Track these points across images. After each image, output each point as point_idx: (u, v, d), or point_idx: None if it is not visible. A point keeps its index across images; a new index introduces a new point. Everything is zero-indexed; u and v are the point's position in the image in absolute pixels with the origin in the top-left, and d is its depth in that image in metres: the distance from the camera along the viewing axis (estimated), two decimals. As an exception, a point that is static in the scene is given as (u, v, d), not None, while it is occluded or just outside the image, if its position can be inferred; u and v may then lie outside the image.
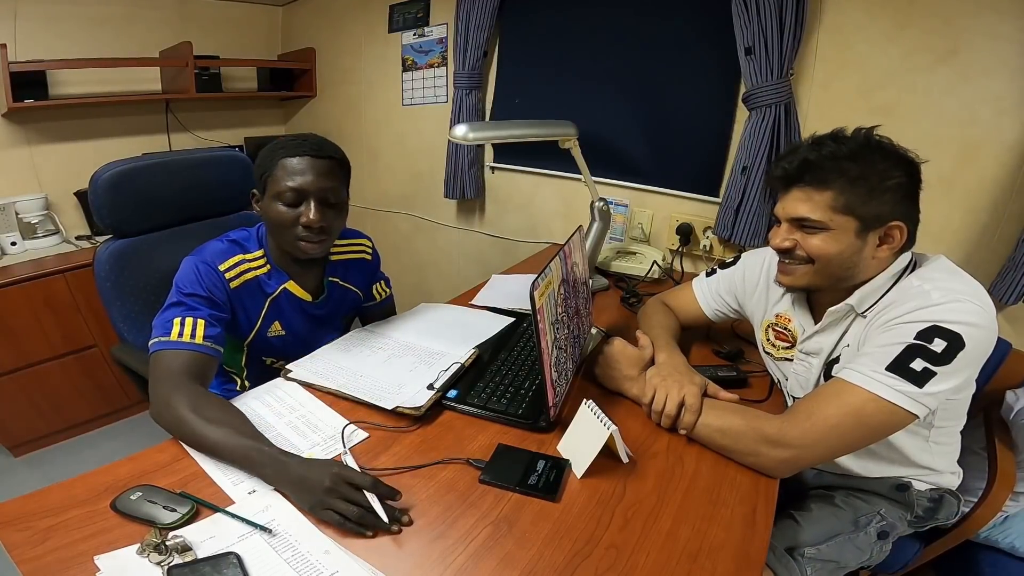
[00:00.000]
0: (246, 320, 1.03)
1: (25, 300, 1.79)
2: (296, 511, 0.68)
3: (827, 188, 0.80)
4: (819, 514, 0.93)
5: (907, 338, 0.74)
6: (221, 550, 0.61)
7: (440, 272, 2.58)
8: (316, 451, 0.80)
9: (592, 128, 1.71)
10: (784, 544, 0.87)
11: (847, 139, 0.81)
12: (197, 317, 0.90)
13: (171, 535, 0.62)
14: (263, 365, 1.13)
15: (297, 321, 1.10)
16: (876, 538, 0.91)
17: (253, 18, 2.73)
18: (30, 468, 1.92)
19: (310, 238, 0.97)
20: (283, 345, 1.09)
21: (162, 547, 0.60)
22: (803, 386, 0.95)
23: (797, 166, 0.82)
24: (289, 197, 0.94)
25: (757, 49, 1.41)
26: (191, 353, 0.87)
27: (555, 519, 0.70)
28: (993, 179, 1.29)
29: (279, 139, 1.00)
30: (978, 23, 1.24)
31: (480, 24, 1.94)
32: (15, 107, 1.92)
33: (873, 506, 0.93)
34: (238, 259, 1.00)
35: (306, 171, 0.95)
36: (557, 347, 0.86)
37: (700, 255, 1.76)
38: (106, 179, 1.14)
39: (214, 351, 0.90)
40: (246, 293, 1.01)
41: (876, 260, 0.83)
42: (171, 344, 0.86)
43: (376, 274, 1.27)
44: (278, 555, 0.62)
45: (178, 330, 0.88)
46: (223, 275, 0.97)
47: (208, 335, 0.90)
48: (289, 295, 1.07)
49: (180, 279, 0.94)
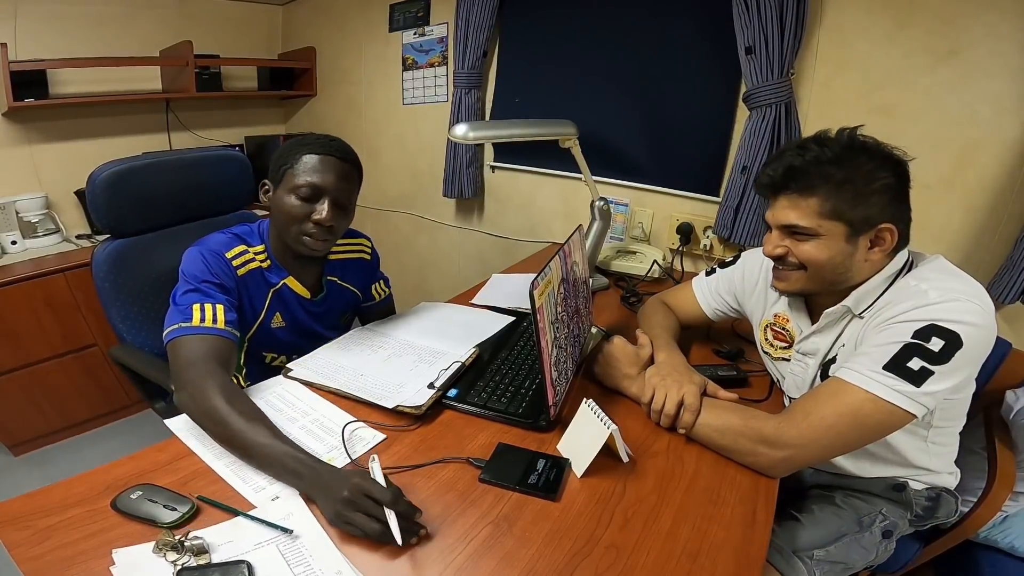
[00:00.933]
0: (251, 309, 1.03)
1: (25, 299, 1.79)
2: (318, 525, 0.66)
3: (813, 195, 0.79)
4: (821, 515, 0.93)
5: (904, 337, 0.73)
6: (235, 556, 0.61)
7: (440, 271, 2.58)
8: (334, 454, 0.79)
9: (592, 127, 1.71)
10: (791, 545, 0.86)
11: (831, 141, 0.80)
12: (216, 303, 0.89)
13: (191, 535, 0.61)
14: (262, 362, 1.13)
15: (297, 316, 1.10)
16: (881, 537, 0.91)
17: (253, 17, 2.73)
18: (30, 467, 1.92)
19: (318, 235, 0.97)
20: (285, 337, 1.10)
21: (179, 547, 0.59)
22: (799, 386, 0.95)
23: (782, 173, 0.81)
24: (305, 192, 0.95)
25: (757, 48, 1.41)
26: (216, 338, 0.86)
27: (555, 518, 0.70)
28: (993, 179, 1.29)
29: (302, 136, 1.01)
30: (979, 23, 1.24)
31: (480, 23, 1.93)
32: (15, 106, 1.92)
33: (874, 506, 0.93)
34: (241, 249, 1.01)
35: (329, 171, 0.96)
36: (557, 346, 0.86)
37: (700, 254, 1.77)
38: (103, 179, 1.14)
39: (234, 337, 0.90)
40: (252, 282, 1.02)
41: (869, 263, 0.82)
42: (194, 330, 0.85)
43: (375, 274, 1.27)
44: (290, 568, 0.60)
45: (199, 315, 0.87)
46: (230, 263, 0.97)
47: (228, 320, 0.89)
48: (289, 290, 1.07)
49: (188, 268, 0.93)
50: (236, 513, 0.67)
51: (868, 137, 0.80)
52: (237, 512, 0.67)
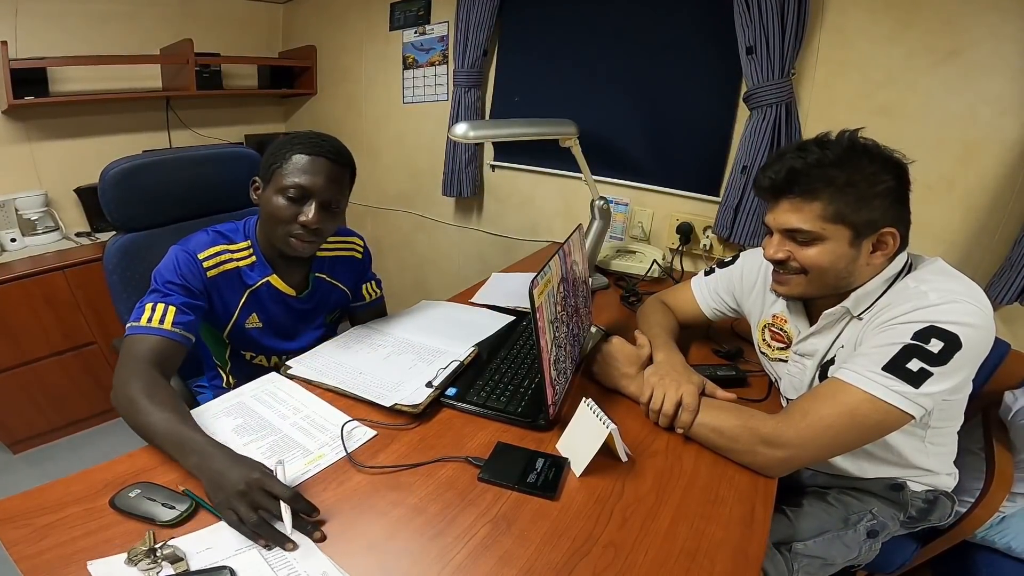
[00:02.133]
0: (223, 309, 1.03)
1: (24, 297, 1.79)
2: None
3: (816, 198, 0.79)
4: (810, 510, 0.93)
5: (904, 338, 0.74)
6: (216, 563, 0.60)
7: (440, 270, 2.58)
8: (325, 451, 0.80)
9: (592, 127, 1.71)
10: (773, 538, 0.87)
11: (832, 144, 0.80)
12: (168, 304, 0.90)
13: (163, 544, 0.60)
14: (244, 360, 1.12)
15: (278, 315, 1.10)
16: (865, 536, 0.91)
17: (254, 15, 2.73)
18: (29, 465, 1.92)
19: (303, 237, 0.97)
20: (261, 337, 1.09)
21: (153, 555, 0.58)
22: (796, 387, 0.95)
23: (784, 176, 0.81)
24: (293, 193, 0.94)
25: (758, 48, 1.41)
26: (158, 338, 0.87)
27: (554, 517, 0.70)
28: (994, 179, 1.29)
29: (295, 133, 0.99)
30: (980, 23, 1.24)
31: (480, 22, 1.93)
32: (15, 104, 1.92)
33: (866, 504, 0.93)
34: (219, 249, 1.00)
35: (318, 172, 0.94)
36: (556, 345, 0.86)
37: (700, 254, 1.77)
38: (115, 174, 1.14)
39: (182, 338, 0.90)
40: (224, 283, 1.01)
41: (871, 266, 0.83)
42: (139, 329, 0.88)
43: (366, 274, 1.25)
44: (274, 572, 0.60)
45: (148, 315, 0.89)
46: (201, 264, 0.97)
47: (178, 321, 0.90)
48: (271, 288, 1.06)
49: (160, 267, 0.95)
50: (211, 511, 0.67)
51: (869, 139, 0.80)
52: (213, 510, 0.67)
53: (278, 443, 0.81)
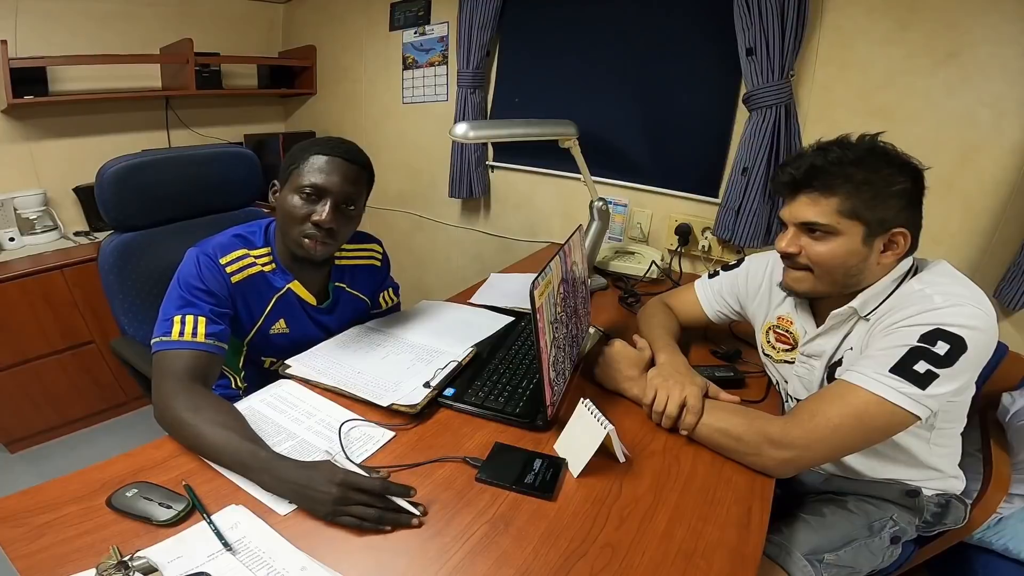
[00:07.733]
0: (248, 316, 1.01)
1: (23, 296, 1.79)
2: (267, 526, 0.66)
3: (834, 194, 0.81)
4: (832, 519, 0.92)
5: (911, 341, 0.74)
6: (190, 571, 0.58)
7: (439, 270, 2.58)
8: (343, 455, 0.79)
9: (592, 128, 1.71)
10: (801, 549, 0.86)
11: (853, 145, 0.82)
12: (198, 314, 0.88)
13: (136, 554, 0.58)
14: (260, 366, 1.10)
15: (303, 323, 1.08)
16: (889, 543, 0.91)
17: (254, 15, 2.72)
18: (26, 464, 1.92)
19: (316, 236, 0.95)
20: (286, 344, 1.06)
21: (124, 569, 0.56)
22: (807, 388, 0.96)
23: (805, 172, 0.83)
24: (308, 192, 0.94)
25: (758, 50, 1.41)
26: (193, 352, 0.86)
27: (551, 518, 0.70)
28: (993, 181, 1.30)
29: (315, 138, 1.00)
30: (980, 25, 1.24)
31: (483, 24, 1.93)
32: (15, 103, 1.91)
33: (885, 511, 0.93)
34: (241, 253, 0.98)
35: (333, 171, 0.95)
36: (555, 346, 0.86)
37: (699, 255, 1.77)
38: (113, 173, 1.14)
39: (217, 348, 0.89)
40: (249, 288, 0.99)
41: (880, 266, 0.84)
42: (172, 344, 0.85)
43: (385, 281, 1.24)
44: (252, 573, 0.59)
45: (179, 328, 0.86)
46: (223, 268, 0.95)
47: (210, 332, 0.88)
48: (295, 295, 1.05)
49: (182, 272, 0.93)
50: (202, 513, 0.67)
51: (888, 143, 0.83)
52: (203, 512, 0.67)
53: (296, 448, 0.80)
